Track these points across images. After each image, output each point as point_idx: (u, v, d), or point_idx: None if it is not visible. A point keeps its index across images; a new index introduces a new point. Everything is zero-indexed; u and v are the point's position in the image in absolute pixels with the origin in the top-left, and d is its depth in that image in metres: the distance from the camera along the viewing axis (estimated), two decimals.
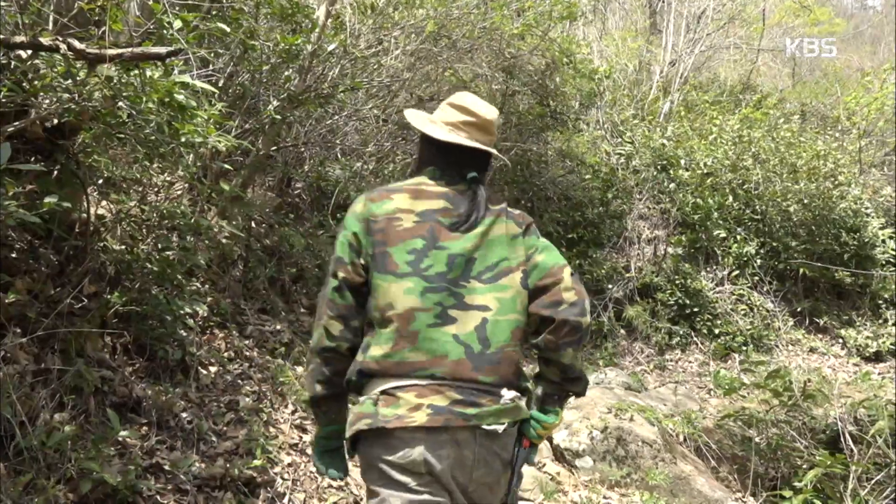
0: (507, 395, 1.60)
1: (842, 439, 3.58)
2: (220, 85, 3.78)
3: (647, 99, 10.04)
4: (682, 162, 8.12)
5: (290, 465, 2.86)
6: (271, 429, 3.07)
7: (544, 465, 3.69)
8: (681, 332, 6.68)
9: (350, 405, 1.65)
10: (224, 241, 3.96)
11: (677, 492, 3.56)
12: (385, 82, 5.12)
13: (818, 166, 7.85)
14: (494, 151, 1.81)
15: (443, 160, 1.74)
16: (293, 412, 3.35)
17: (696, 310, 6.86)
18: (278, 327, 4.03)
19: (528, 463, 1.73)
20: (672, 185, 7.84)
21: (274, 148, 4.60)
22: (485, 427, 1.55)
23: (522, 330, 1.65)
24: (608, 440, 3.78)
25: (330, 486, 2.88)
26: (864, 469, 3.35)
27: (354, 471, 3.12)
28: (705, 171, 8.00)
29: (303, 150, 5.27)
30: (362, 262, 1.62)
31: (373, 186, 6.07)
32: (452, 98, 1.78)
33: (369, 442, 1.56)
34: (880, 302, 7.77)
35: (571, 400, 1.89)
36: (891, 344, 7.28)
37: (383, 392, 1.56)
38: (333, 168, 5.84)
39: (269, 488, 2.63)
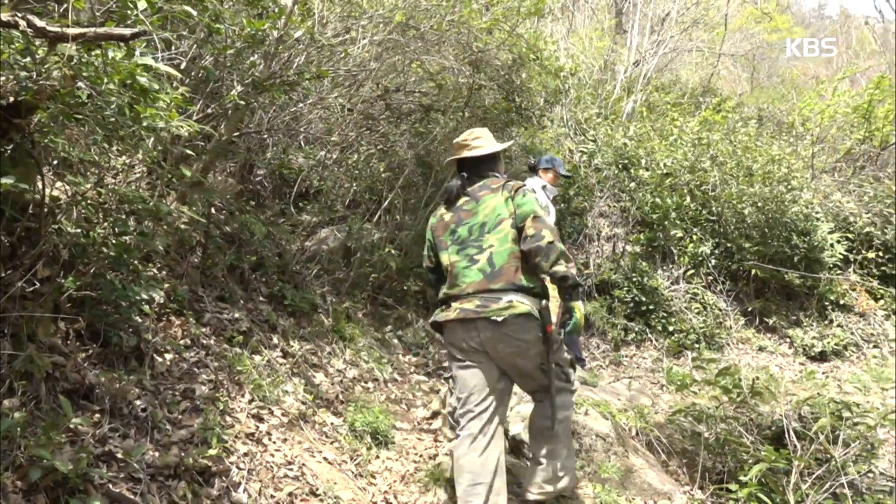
0: (505, 298, 2.82)
1: (786, 435, 3.70)
2: (182, 68, 3.71)
3: (611, 98, 10.17)
4: (643, 162, 8.25)
5: (245, 454, 2.84)
6: (227, 418, 3.05)
7: None
8: (636, 329, 6.81)
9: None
10: (183, 226, 3.90)
11: (628, 484, 3.65)
12: (351, 71, 5.08)
13: (773, 170, 8.07)
14: (470, 153, 3.18)
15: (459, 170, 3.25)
16: (250, 401, 3.32)
17: (651, 307, 7.00)
18: (236, 315, 3.99)
19: (569, 334, 2.92)
20: (632, 185, 7.97)
21: (236, 134, 4.53)
22: (492, 318, 2.80)
23: (516, 255, 2.88)
24: None
25: (286, 475, 2.87)
26: (805, 464, 3.47)
27: (311, 462, 3.12)
28: (665, 171, 8.15)
29: (266, 136, 5.20)
30: (433, 255, 3.19)
31: (337, 176, 6.06)
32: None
33: (442, 331, 3.06)
34: (827, 304, 8.04)
35: None
36: (835, 344, 7.54)
37: (443, 304, 3.05)
38: (297, 156, 5.78)
39: (224, 478, 2.61)
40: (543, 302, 2.87)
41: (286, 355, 4.05)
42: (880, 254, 8.47)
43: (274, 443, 3.09)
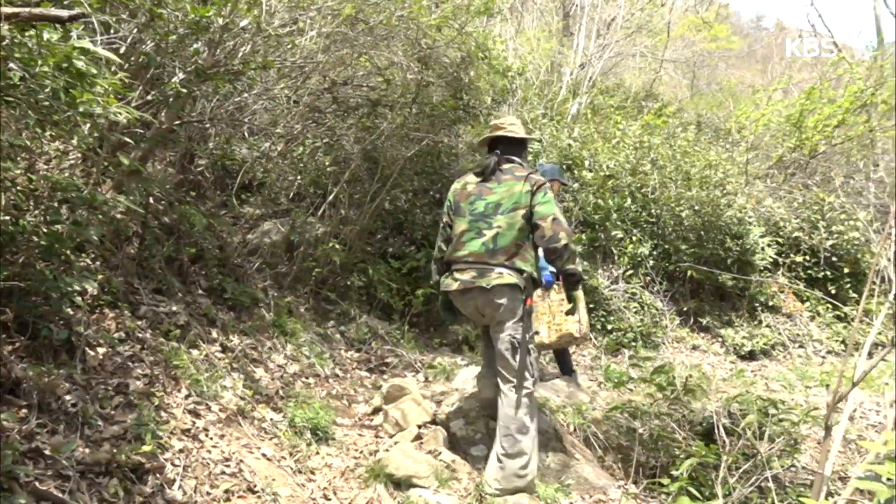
0: (496, 271, 3.39)
1: (716, 431, 3.83)
2: (121, 53, 3.59)
3: (557, 99, 10.31)
4: (587, 163, 8.40)
5: (181, 451, 2.78)
6: (163, 413, 2.97)
7: (440, 453, 3.76)
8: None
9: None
10: (119, 216, 3.78)
11: (566, 479, 3.71)
12: (298, 63, 5.01)
13: (710, 175, 8.33)
14: (504, 133, 3.71)
15: (489, 150, 3.77)
16: (187, 397, 3.25)
17: (591, 306, 7.13)
18: (174, 308, 3.89)
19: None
20: (576, 185, 8.11)
21: (177, 122, 4.40)
22: (482, 286, 3.39)
23: (519, 242, 3.42)
24: None
25: (223, 472, 2.83)
26: (733, 459, 3.61)
27: (249, 458, 3.07)
28: (607, 173, 8.32)
29: (208, 126, 5.08)
30: (450, 220, 3.65)
31: (282, 168, 5.97)
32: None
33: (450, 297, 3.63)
34: (757, 305, 8.36)
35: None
36: (763, 344, 7.85)
37: (448, 272, 3.59)
38: (240, 147, 5.67)
39: (158, 475, 2.55)
40: (524, 275, 3.45)
41: (225, 350, 3.98)
42: (807, 258, 8.85)
43: (211, 439, 3.04)
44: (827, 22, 62.55)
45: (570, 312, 3.82)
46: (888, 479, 1.79)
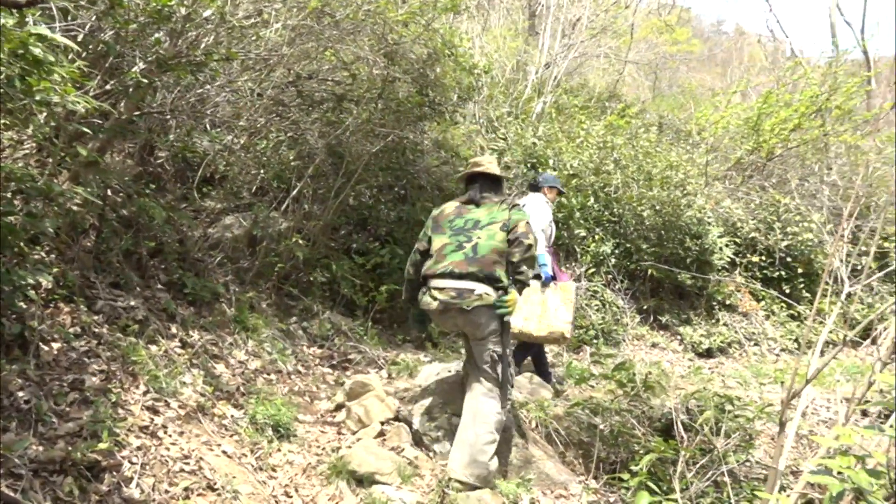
0: (477, 291, 3.50)
1: (675, 427, 3.91)
2: (80, 40, 3.50)
3: (522, 98, 10.36)
4: (551, 162, 8.46)
5: (139, 448, 2.73)
6: (120, 410, 2.91)
7: (403, 449, 3.75)
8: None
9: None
10: (75, 208, 3.69)
11: (527, 475, 3.74)
12: (263, 55, 4.94)
13: (671, 176, 8.47)
14: (486, 170, 3.91)
15: (470, 182, 3.95)
16: (145, 393, 3.19)
17: None
18: (132, 303, 3.81)
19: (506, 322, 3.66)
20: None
21: (137, 113, 4.31)
22: (463, 307, 3.49)
23: (498, 251, 3.56)
24: None
25: (182, 469, 2.78)
26: (691, 454, 3.68)
27: (208, 455, 3.03)
28: (571, 172, 8.40)
29: (169, 117, 4.97)
30: (429, 235, 3.79)
31: (244, 162, 5.88)
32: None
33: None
34: (714, 304, 8.54)
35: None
36: (720, 342, 8.03)
37: (427, 289, 3.66)
38: (201, 139, 5.57)
39: (115, 472, 2.50)
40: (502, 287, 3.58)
41: (185, 345, 3.91)
42: (763, 258, 9.07)
43: (170, 436, 2.98)
44: (785, 28, 64.06)
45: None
46: (839, 473, 1.85)
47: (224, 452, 3.15)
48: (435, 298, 3.57)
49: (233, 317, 4.58)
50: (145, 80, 3.71)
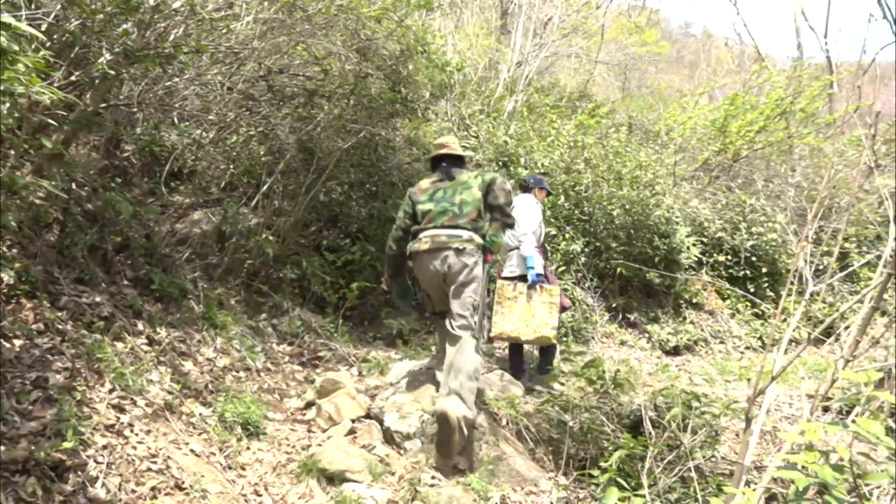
0: (466, 234, 4.02)
1: (643, 424, 3.96)
2: (44, 29, 3.41)
3: (494, 96, 10.38)
4: (522, 160, 8.50)
5: (105, 447, 2.67)
6: (85, 408, 2.85)
7: (374, 447, 3.74)
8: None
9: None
10: (39, 201, 3.60)
11: (498, 472, 3.76)
12: (233, 49, 4.88)
13: (640, 175, 8.56)
14: (448, 151, 4.43)
15: (436, 163, 4.47)
16: (111, 391, 3.13)
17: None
18: (97, 299, 3.73)
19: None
20: (511, 182, 8.19)
21: (103, 105, 4.22)
22: (455, 246, 3.97)
23: (478, 207, 4.11)
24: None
25: (149, 469, 2.73)
26: (659, 450, 3.73)
27: (176, 454, 2.98)
28: (542, 170, 8.44)
29: (136, 110, 4.88)
30: (410, 211, 4.28)
31: (214, 157, 5.80)
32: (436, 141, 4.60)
33: (413, 261, 4.21)
34: (681, 302, 8.66)
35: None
36: (687, 339, 8.15)
37: (415, 237, 4.16)
38: (169, 133, 5.48)
39: (79, 472, 2.44)
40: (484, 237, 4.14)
41: (152, 342, 3.84)
42: (729, 257, 9.22)
43: (136, 435, 2.93)
44: (751, 31, 65.23)
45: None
46: (804, 468, 1.89)
47: (192, 451, 3.10)
48: (425, 241, 4.07)
49: (201, 313, 4.52)
50: (112, 72, 3.63)
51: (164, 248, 4.79)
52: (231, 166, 5.96)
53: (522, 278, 5.35)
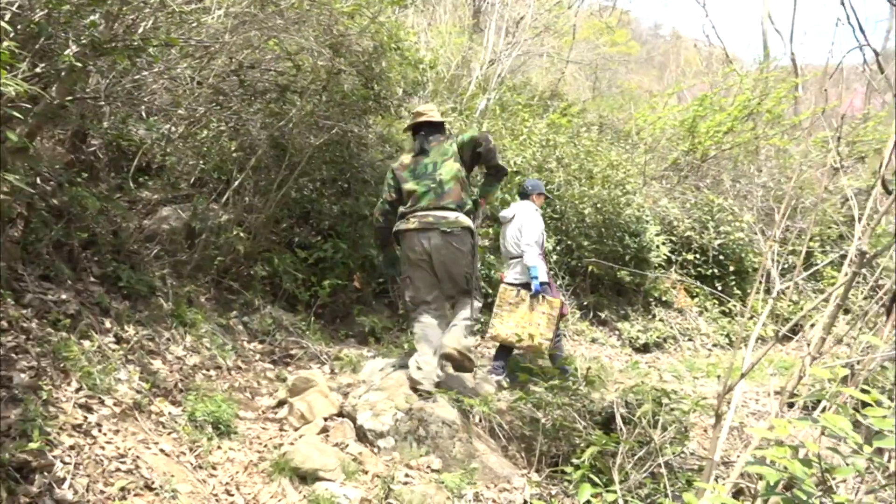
0: (452, 216, 4.23)
1: (614, 420, 4.00)
2: (7, 20, 3.32)
3: (466, 94, 10.39)
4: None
5: (72, 447, 2.62)
6: (51, 408, 2.79)
7: (347, 445, 3.72)
8: (482, 320, 7.02)
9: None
10: (2, 196, 3.50)
11: (471, 469, 3.77)
12: (203, 42, 4.80)
13: (611, 175, 8.64)
14: (426, 119, 4.58)
15: (416, 133, 4.61)
16: (77, 390, 3.06)
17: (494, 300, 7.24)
18: (63, 297, 3.65)
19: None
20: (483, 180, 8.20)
21: (69, 98, 4.12)
22: (443, 229, 4.20)
23: (459, 179, 4.35)
24: (411, 421, 3.90)
25: (118, 469, 2.68)
26: (629, 446, 3.77)
27: (146, 454, 2.93)
28: (514, 169, 8.47)
29: (103, 103, 4.78)
30: (394, 186, 4.50)
31: (184, 150, 5.70)
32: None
33: (400, 239, 4.44)
34: (651, 300, 8.77)
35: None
36: (657, 337, 8.25)
37: (401, 219, 4.38)
38: (138, 127, 5.38)
39: (46, 473, 2.39)
40: (469, 209, 4.43)
41: (120, 341, 3.78)
42: (697, 256, 9.36)
43: (104, 434, 2.88)
44: (720, 33, 66.29)
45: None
46: (772, 463, 1.92)
47: (162, 451, 3.06)
48: (413, 221, 4.31)
49: (170, 311, 4.45)
50: (79, 64, 3.55)
51: (131, 244, 4.71)
52: (201, 162, 5.87)
53: (526, 285, 5.48)
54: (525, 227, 5.50)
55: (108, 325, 3.81)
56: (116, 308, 4.00)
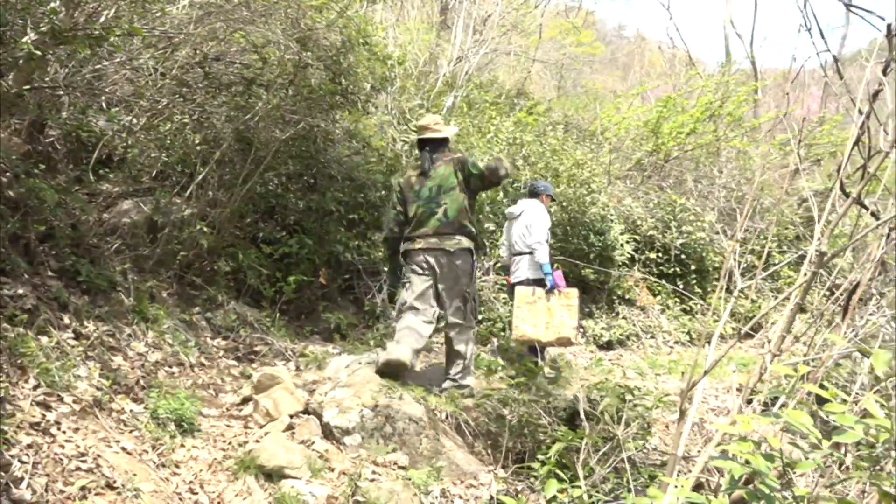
0: (455, 239, 4.48)
1: (579, 416, 4.04)
2: None
3: (434, 91, 10.37)
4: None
5: (30, 446, 2.55)
6: (8, 406, 2.71)
7: (313, 442, 3.69)
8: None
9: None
10: None
11: (437, 466, 3.77)
12: (168, 33, 4.71)
13: (577, 174, 8.72)
14: (430, 135, 4.69)
15: (418, 149, 4.80)
16: (35, 387, 2.98)
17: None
18: (20, 291, 3.55)
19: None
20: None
21: (27, 87, 4.01)
22: (447, 248, 4.48)
23: (463, 209, 4.53)
24: (377, 418, 3.89)
25: (78, 468, 2.62)
26: (593, 442, 3.82)
27: (107, 452, 2.87)
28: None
29: (62, 93, 4.66)
30: (400, 199, 4.67)
31: (146, 143, 5.59)
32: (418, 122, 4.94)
33: (406, 256, 4.69)
34: (615, 298, 8.88)
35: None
36: (620, 334, 8.37)
37: (408, 240, 4.64)
38: (98, 118, 5.25)
39: (3, 473, 2.32)
40: (473, 236, 4.65)
41: (79, 337, 3.69)
42: (660, 254, 9.51)
43: (64, 433, 2.81)
44: (683, 36, 67.46)
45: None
46: (735, 457, 1.97)
47: (123, 449, 3.00)
48: (419, 242, 4.56)
49: (131, 306, 4.36)
50: (37, 52, 3.46)
51: (91, 238, 4.60)
52: (164, 155, 5.76)
53: (535, 282, 5.74)
54: (533, 224, 5.76)
55: (66, 320, 3.72)
56: (75, 303, 3.91)
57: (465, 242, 4.55)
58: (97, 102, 5.29)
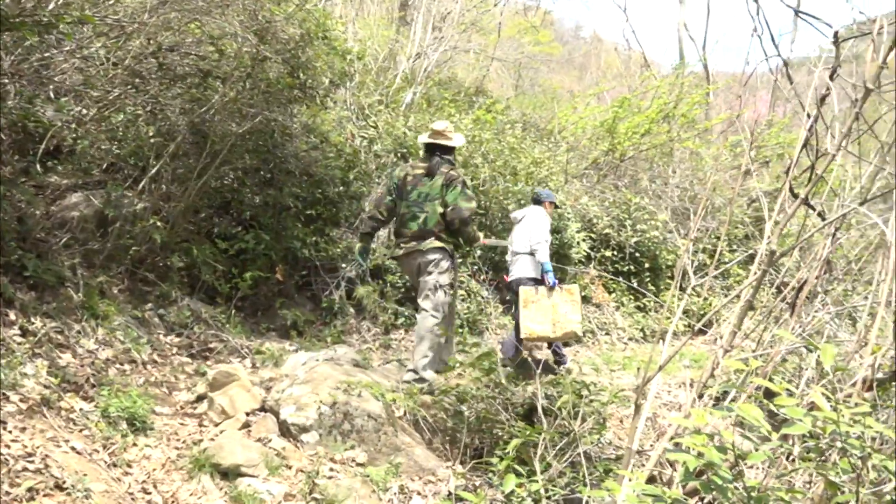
0: (428, 241, 4.87)
1: (536, 412, 4.09)
2: None
3: (393, 87, 10.34)
4: (421, 153, 8.50)
5: None
6: None
7: (270, 440, 3.65)
8: (406, 313, 7.03)
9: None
10: None
11: (396, 462, 3.77)
12: (120, 22, 4.58)
13: (534, 171, 8.80)
14: (442, 142, 5.08)
15: (425, 150, 5.19)
16: None
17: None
18: None
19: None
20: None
21: None
22: (421, 249, 4.89)
23: (440, 222, 4.87)
24: (336, 415, 3.87)
25: (26, 468, 2.54)
26: (551, 437, 3.87)
27: (55, 452, 2.79)
28: None
29: (7, 82, 4.49)
30: (393, 187, 5.11)
31: (97, 134, 5.43)
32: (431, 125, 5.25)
33: (395, 260, 5.47)
34: None
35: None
36: None
37: (397, 245, 5.12)
38: (46, 108, 5.08)
39: None
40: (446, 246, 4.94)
41: (25, 333, 3.57)
42: (615, 252, 9.66)
43: (10, 432, 2.72)
44: (639, 38, 68.59)
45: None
46: (689, 450, 2.02)
47: (73, 448, 2.91)
48: (401, 248, 4.99)
49: (80, 303, 4.24)
50: None
51: (38, 231, 4.46)
52: (115, 147, 5.60)
53: (533, 281, 6.08)
54: (535, 228, 6.16)
55: (12, 316, 3.60)
56: (22, 299, 3.78)
57: (438, 243, 4.89)
58: (45, 92, 5.11)
